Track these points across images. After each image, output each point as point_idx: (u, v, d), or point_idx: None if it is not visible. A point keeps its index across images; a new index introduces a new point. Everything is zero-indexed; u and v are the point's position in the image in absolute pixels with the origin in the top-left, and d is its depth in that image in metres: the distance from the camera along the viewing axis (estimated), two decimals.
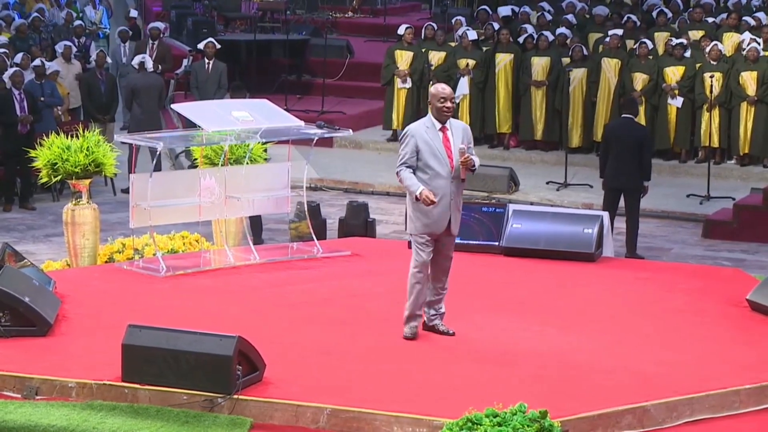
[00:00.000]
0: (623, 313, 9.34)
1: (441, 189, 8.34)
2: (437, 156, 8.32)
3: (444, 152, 8.33)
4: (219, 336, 7.70)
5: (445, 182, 8.35)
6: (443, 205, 8.38)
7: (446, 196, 8.37)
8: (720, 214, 14.83)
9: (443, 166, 8.34)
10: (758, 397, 7.97)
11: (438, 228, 8.43)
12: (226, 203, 10.32)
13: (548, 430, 7.21)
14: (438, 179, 8.34)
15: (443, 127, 8.38)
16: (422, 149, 8.33)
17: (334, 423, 7.52)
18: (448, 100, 8.36)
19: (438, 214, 8.39)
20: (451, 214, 8.44)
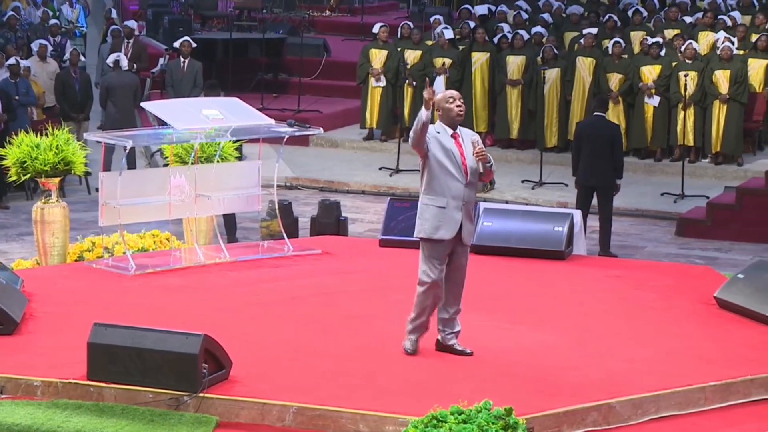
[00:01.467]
0: (592, 310, 9.36)
1: (454, 190, 7.96)
2: (451, 157, 7.96)
3: (458, 154, 7.97)
4: (185, 334, 7.69)
5: (459, 185, 7.97)
6: (455, 208, 7.97)
7: (459, 199, 7.96)
8: (693, 212, 14.89)
9: (457, 168, 7.96)
10: (723, 394, 8.00)
11: (449, 232, 7.98)
12: (196, 201, 10.31)
13: (513, 428, 7.23)
14: (452, 179, 7.96)
15: (455, 134, 8.02)
16: (435, 145, 7.96)
17: (300, 421, 7.52)
18: (457, 99, 8.04)
19: (450, 217, 7.97)
20: (463, 220, 8.02)
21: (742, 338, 8.81)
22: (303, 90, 19.23)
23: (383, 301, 9.44)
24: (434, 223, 8.01)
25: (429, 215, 8.03)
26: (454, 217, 7.99)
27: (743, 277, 9.43)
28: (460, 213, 8.00)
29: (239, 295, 9.51)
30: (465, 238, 8.07)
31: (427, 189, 8.06)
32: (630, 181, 16.19)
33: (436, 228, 8.01)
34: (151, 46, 20.15)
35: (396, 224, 10.89)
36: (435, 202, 8.02)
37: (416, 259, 10.50)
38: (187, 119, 10.00)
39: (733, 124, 16.56)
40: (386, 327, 8.84)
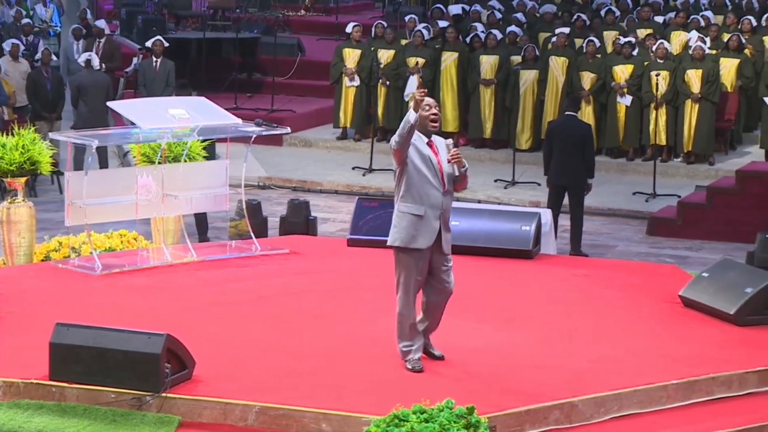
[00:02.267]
0: (558, 309, 9.38)
1: (432, 198, 7.83)
2: (429, 164, 7.84)
3: (436, 162, 7.86)
4: (147, 334, 7.68)
5: (437, 194, 7.85)
6: (433, 216, 7.83)
7: (437, 207, 7.83)
8: (664, 211, 14.94)
9: (434, 174, 7.84)
10: (685, 392, 8.04)
11: (426, 241, 7.82)
12: (163, 201, 10.29)
13: (475, 426, 7.25)
14: (430, 187, 7.84)
15: (430, 141, 7.90)
16: (413, 152, 7.82)
17: (262, 421, 7.52)
18: (433, 107, 7.84)
19: (428, 225, 7.82)
20: (441, 229, 7.87)
21: (706, 336, 8.85)
22: (277, 90, 19.21)
23: (350, 301, 9.45)
24: (411, 232, 7.83)
25: (405, 223, 7.85)
26: (432, 226, 7.84)
27: (708, 276, 9.47)
28: (438, 222, 7.86)
29: (206, 295, 9.50)
30: (444, 247, 7.93)
31: (405, 197, 7.89)
32: (602, 180, 16.24)
33: (412, 237, 7.84)
34: (125, 46, 20.10)
35: (364, 224, 10.89)
36: (412, 210, 7.86)
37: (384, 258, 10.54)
38: (153, 119, 9.98)
39: (705, 124, 16.62)
40: (352, 327, 8.85)
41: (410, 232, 7.84)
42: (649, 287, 9.97)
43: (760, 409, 7.97)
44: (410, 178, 7.87)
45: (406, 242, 7.85)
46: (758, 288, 9.08)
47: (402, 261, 7.91)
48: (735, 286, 9.19)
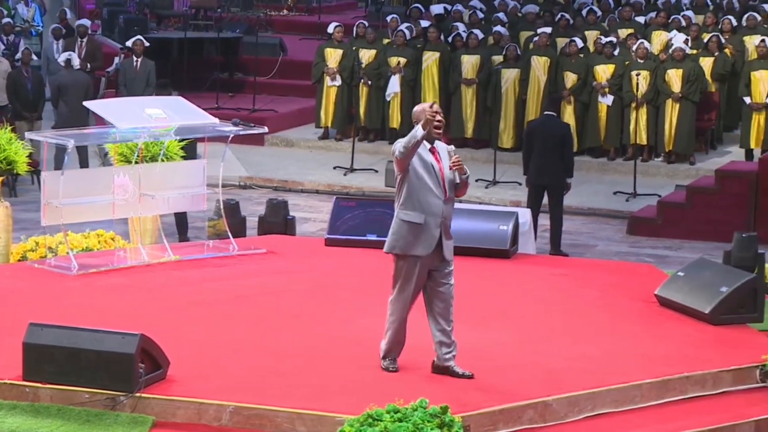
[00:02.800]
0: (534, 308, 9.40)
1: (434, 207, 7.72)
2: (431, 172, 7.72)
3: (438, 169, 7.74)
4: (121, 334, 7.67)
5: (438, 201, 7.73)
6: (434, 224, 7.72)
7: (438, 216, 7.72)
8: (644, 211, 14.98)
9: (436, 183, 7.72)
10: (659, 391, 8.06)
11: (426, 248, 7.73)
12: (140, 201, 10.27)
13: (449, 426, 7.26)
14: (431, 196, 7.72)
15: (433, 148, 7.77)
16: (415, 160, 7.70)
17: (236, 420, 7.52)
18: (438, 113, 7.72)
19: (428, 233, 7.72)
20: (443, 236, 7.77)
21: (681, 335, 8.88)
22: (259, 89, 19.20)
23: (327, 301, 9.45)
24: (409, 239, 7.74)
25: (405, 231, 7.75)
26: (433, 234, 7.75)
27: (683, 275, 9.50)
28: (439, 230, 7.76)
29: (182, 295, 9.49)
30: (446, 254, 7.82)
31: (405, 204, 7.78)
32: (583, 180, 16.28)
33: (411, 244, 7.74)
34: (106, 46, 20.07)
35: (342, 223, 10.89)
36: (413, 218, 7.76)
37: (362, 258, 10.61)
38: (130, 118, 9.96)
39: (686, 123, 16.67)
40: (328, 326, 8.85)
41: (409, 240, 7.74)
42: (626, 286, 9.99)
43: (733, 408, 8.00)
44: (411, 185, 7.75)
45: (405, 249, 7.76)
46: (733, 287, 9.11)
47: (399, 267, 7.82)
48: (710, 285, 9.22)
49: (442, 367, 7.94)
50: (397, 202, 7.86)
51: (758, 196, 14.18)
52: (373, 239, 10.75)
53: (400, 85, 17.66)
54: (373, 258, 10.53)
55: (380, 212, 10.81)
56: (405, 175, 7.76)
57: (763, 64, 16.48)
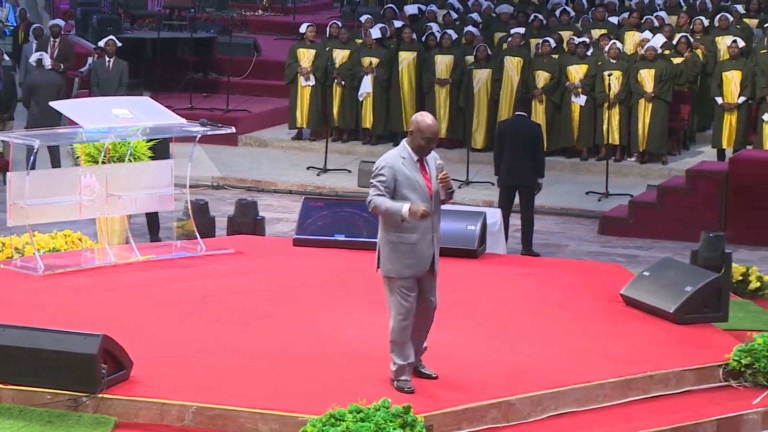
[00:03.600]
0: (499, 308, 9.40)
1: (423, 225, 7.54)
2: (417, 189, 7.55)
3: (424, 184, 7.58)
4: (83, 334, 7.65)
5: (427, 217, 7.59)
6: (426, 243, 7.60)
7: (428, 232, 7.59)
8: (616, 210, 15.01)
9: (424, 199, 7.55)
10: (622, 390, 8.08)
11: (422, 268, 7.62)
12: (107, 201, 10.24)
13: (411, 425, 7.27)
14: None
15: (420, 159, 7.61)
16: (400, 181, 7.53)
17: (199, 421, 7.51)
18: (433, 142, 7.56)
19: (421, 252, 7.58)
20: (435, 252, 7.68)
21: (645, 335, 8.90)
22: (233, 89, 19.19)
23: (293, 301, 9.44)
24: (405, 262, 7.60)
25: (399, 254, 7.59)
26: (426, 253, 7.63)
27: (648, 275, 9.52)
28: (432, 247, 7.66)
29: (148, 295, 9.47)
30: (436, 269, 7.76)
31: (394, 226, 7.60)
32: (556, 180, 16.31)
33: (406, 266, 7.61)
34: (80, 46, 20.02)
35: (310, 223, 10.89)
36: (404, 239, 7.59)
37: (330, 258, 10.61)
38: (96, 118, 9.93)
39: (658, 123, 16.72)
40: (293, 326, 8.85)
41: (404, 262, 7.61)
42: (592, 286, 10.01)
43: (696, 407, 8.03)
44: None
45: (400, 272, 7.63)
46: (697, 287, 9.15)
47: (396, 288, 7.68)
48: (675, 284, 9.25)
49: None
50: (382, 222, 7.67)
51: (728, 196, 14.23)
52: (342, 239, 10.76)
53: (372, 86, 17.67)
54: (341, 258, 10.55)
55: (348, 212, 10.82)
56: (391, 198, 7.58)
57: (734, 64, 16.55)
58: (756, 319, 9.47)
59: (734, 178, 14.26)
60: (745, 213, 14.11)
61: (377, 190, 7.57)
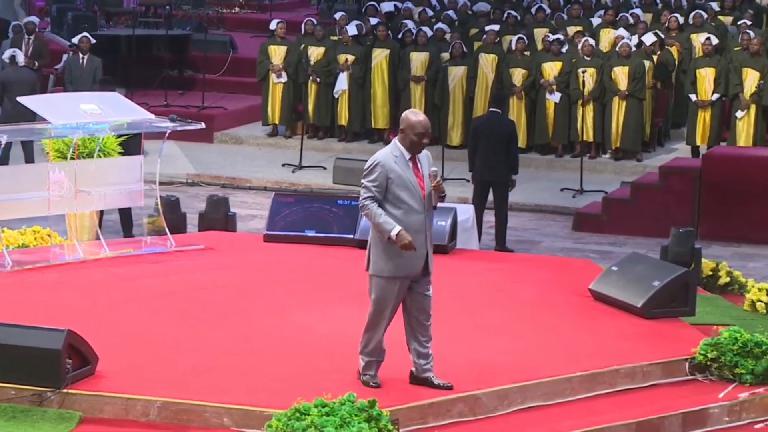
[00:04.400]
0: (468, 303, 9.40)
1: (416, 224, 7.48)
2: (410, 188, 7.48)
3: (416, 183, 7.50)
4: (48, 329, 7.63)
5: (419, 217, 7.50)
6: (419, 243, 7.48)
7: (421, 232, 7.50)
8: (590, 207, 15.04)
9: (416, 199, 7.50)
10: (590, 385, 8.09)
11: (413, 269, 7.55)
12: (76, 197, 10.20)
13: (377, 419, 7.26)
14: (412, 214, 7.49)
15: (413, 157, 7.55)
16: (392, 179, 7.45)
17: (164, 416, 7.49)
18: (426, 137, 7.52)
19: (414, 254, 7.48)
20: (428, 251, 7.59)
21: (612, 329, 8.92)
22: (209, 87, 19.16)
23: (261, 296, 9.43)
24: (397, 262, 7.52)
25: (392, 254, 7.50)
26: (419, 253, 7.54)
27: (617, 270, 9.54)
28: (425, 247, 7.56)
29: (115, 291, 9.44)
30: (430, 268, 7.67)
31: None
32: (531, 176, 16.33)
33: (399, 267, 7.54)
34: (55, 43, 19.95)
35: (280, 219, 10.88)
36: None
37: (300, 254, 10.60)
38: (64, 114, 9.90)
39: (633, 120, 16.76)
40: (261, 322, 8.84)
41: (397, 262, 7.52)
42: (561, 281, 10.02)
43: (662, 401, 8.05)
44: (390, 207, 7.52)
45: (393, 272, 7.55)
46: (665, 281, 9.17)
47: (383, 287, 7.61)
48: (643, 279, 9.27)
49: (420, 378, 7.76)
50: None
51: (701, 192, 14.28)
52: (312, 235, 10.76)
53: (348, 83, 17.66)
54: (311, 254, 10.54)
55: (319, 208, 10.82)
56: (383, 201, 7.52)
57: (708, 61, 16.59)
58: (724, 314, 9.50)
59: (707, 174, 14.31)
60: (718, 209, 14.16)
61: (369, 193, 7.49)
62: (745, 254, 13.64)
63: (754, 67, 16.22)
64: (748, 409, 8.12)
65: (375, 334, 7.71)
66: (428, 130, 7.57)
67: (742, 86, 16.24)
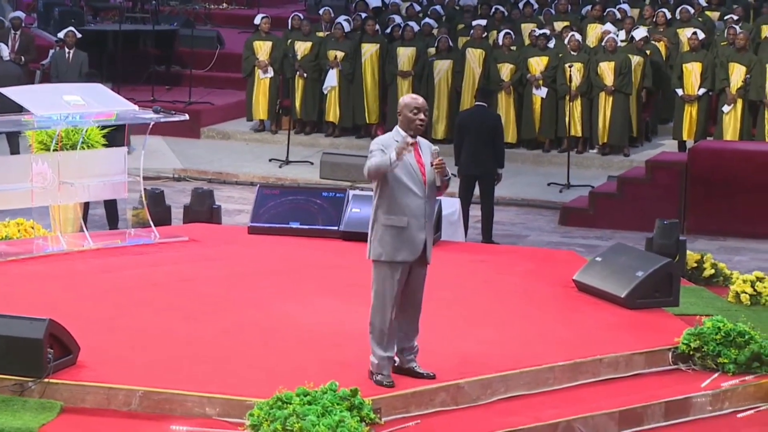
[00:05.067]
0: (452, 294, 9.38)
1: (416, 209, 7.42)
2: (410, 172, 7.40)
3: (417, 168, 7.41)
4: (29, 319, 7.60)
5: (420, 201, 7.43)
6: (418, 226, 7.44)
7: (421, 217, 7.43)
8: (577, 201, 15.05)
9: (417, 183, 7.42)
10: (572, 374, 8.09)
11: (412, 253, 7.46)
12: (59, 189, 10.16)
13: (359, 408, 7.25)
14: (412, 197, 7.42)
15: (414, 142, 7.44)
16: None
17: (146, 405, 7.47)
18: (421, 112, 7.41)
19: (413, 237, 7.44)
20: (427, 238, 7.50)
21: (596, 320, 8.91)
22: (196, 82, 19.13)
23: (244, 288, 9.40)
24: (395, 245, 7.44)
25: (389, 237, 7.45)
26: (418, 237, 7.47)
27: (601, 260, 9.54)
28: (423, 232, 7.49)
29: (99, 282, 9.42)
30: (428, 258, 7.59)
31: (385, 209, 7.46)
32: (518, 171, 16.34)
33: (396, 250, 7.45)
34: (42, 38, 19.90)
35: (265, 211, 10.86)
36: (395, 222, 7.44)
37: (284, 245, 10.58)
38: (47, 105, 9.86)
39: (619, 116, 16.76)
40: (244, 312, 8.82)
41: (394, 246, 7.45)
42: (546, 273, 10.01)
43: (645, 390, 8.04)
44: (390, 189, 7.43)
45: (391, 256, 7.47)
46: (648, 272, 9.16)
47: (383, 274, 7.51)
48: (626, 269, 9.26)
49: (404, 369, 7.73)
50: (375, 208, 7.52)
51: (688, 186, 14.29)
52: (296, 227, 10.74)
53: (337, 80, 17.64)
54: (295, 246, 10.52)
55: (304, 200, 10.80)
56: (382, 180, 7.44)
57: (695, 56, 16.61)
58: (708, 305, 9.50)
59: (693, 168, 14.32)
60: (704, 203, 14.18)
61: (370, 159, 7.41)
62: (730, 248, 13.66)
63: (740, 61, 16.23)
64: (731, 398, 8.12)
65: (383, 327, 7.54)
66: (423, 105, 7.47)
67: (729, 81, 16.25)
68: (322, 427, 6.97)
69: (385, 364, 7.62)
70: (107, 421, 7.32)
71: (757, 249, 13.67)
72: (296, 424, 7.00)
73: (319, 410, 7.12)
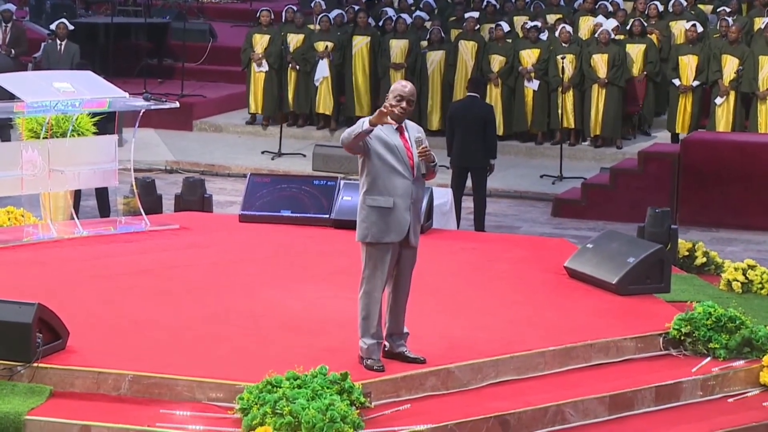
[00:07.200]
0: (443, 281, 9.37)
1: (401, 188, 7.39)
2: (395, 152, 7.37)
3: (402, 147, 7.38)
4: (18, 303, 7.57)
5: (407, 183, 7.39)
6: (404, 208, 7.40)
7: (407, 197, 7.40)
8: (569, 193, 15.05)
9: (403, 164, 7.38)
10: (563, 359, 8.07)
11: (398, 234, 7.42)
12: (49, 176, 10.13)
13: (348, 392, 7.24)
14: (398, 177, 7.38)
15: (400, 127, 7.41)
16: (376, 143, 7.34)
17: (136, 389, 7.44)
18: (404, 100, 7.35)
19: (399, 218, 7.40)
20: (412, 220, 7.46)
21: (587, 305, 8.90)
22: (189, 75, 19.11)
23: (233, 275, 9.38)
24: (381, 227, 7.41)
25: (375, 218, 7.41)
26: (404, 218, 7.43)
27: (592, 247, 9.53)
28: (409, 213, 7.45)
29: (88, 269, 9.39)
30: (412, 240, 7.53)
31: (371, 189, 7.42)
32: (510, 163, 16.33)
33: (383, 231, 7.42)
34: (34, 31, 19.85)
35: (256, 199, 10.84)
36: (380, 203, 7.42)
37: (275, 233, 10.56)
38: (37, 92, 9.83)
39: (612, 108, 16.75)
40: (233, 298, 8.80)
41: (381, 227, 7.41)
42: (537, 260, 10.00)
43: (635, 375, 8.04)
44: (374, 169, 7.40)
45: (378, 237, 7.42)
46: (640, 258, 9.15)
47: (372, 256, 7.47)
48: (617, 256, 9.25)
49: (394, 353, 7.70)
50: (361, 189, 7.49)
51: (680, 178, 14.29)
52: (287, 215, 10.73)
53: (329, 70, 17.61)
54: (286, 234, 10.51)
55: (295, 188, 10.79)
56: (366, 159, 7.41)
57: (691, 48, 16.60)
58: (699, 292, 9.49)
59: (685, 159, 14.32)
60: (696, 194, 14.18)
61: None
62: (722, 239, 13.67)
63: (733, 53, 16.23)
64: (722, 384, 8.12)
65: (372, 310, 7.51)
66: (409, 93, 7.40)
67: (722, 73, 16.25)
68: (311, 410, 6.95)
69: (374, 349, 7.60)
70: (97, 405, 7.29)
71: (749, 240, 13.68)
72: (286, 408, 6.99)
73: (309, 394, 7.11)
